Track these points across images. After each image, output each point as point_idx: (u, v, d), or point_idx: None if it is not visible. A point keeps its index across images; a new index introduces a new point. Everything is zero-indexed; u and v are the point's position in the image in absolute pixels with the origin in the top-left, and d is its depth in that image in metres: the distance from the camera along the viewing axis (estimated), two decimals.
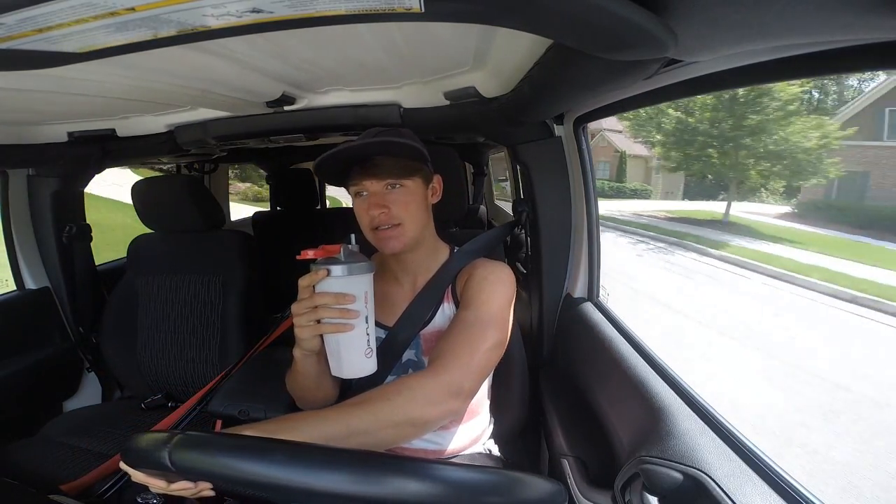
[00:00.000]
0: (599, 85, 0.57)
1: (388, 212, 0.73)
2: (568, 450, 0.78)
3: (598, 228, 1.02)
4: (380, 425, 0.57)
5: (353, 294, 0.63)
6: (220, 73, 0.70)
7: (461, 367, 0.65)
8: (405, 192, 0.75)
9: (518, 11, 0.33)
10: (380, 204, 0.73)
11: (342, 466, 0.33)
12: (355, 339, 0.64)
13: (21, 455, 1.05)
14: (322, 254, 0.62)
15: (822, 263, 6.53)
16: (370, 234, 0.76)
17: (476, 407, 0.86)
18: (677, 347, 3.51)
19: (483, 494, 0.34)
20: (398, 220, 0.74)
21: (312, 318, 0.63)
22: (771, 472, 0.49)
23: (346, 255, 0.63)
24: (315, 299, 0.62)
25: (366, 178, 0.74)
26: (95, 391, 1.47)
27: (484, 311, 0.73)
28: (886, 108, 11.28)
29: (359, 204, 0.76)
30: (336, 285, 0.62)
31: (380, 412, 0.58)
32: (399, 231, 0.75)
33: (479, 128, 1.02)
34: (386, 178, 0.73)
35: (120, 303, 1.34)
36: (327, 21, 0.35)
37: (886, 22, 0.27)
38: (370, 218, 0.74)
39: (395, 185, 0.74)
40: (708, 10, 0.31)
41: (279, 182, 2.24)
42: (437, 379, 0.63)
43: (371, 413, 0.57)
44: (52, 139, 1.10)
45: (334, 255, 0.62)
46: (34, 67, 0.42)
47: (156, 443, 0.40)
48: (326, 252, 0.62)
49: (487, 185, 2.90)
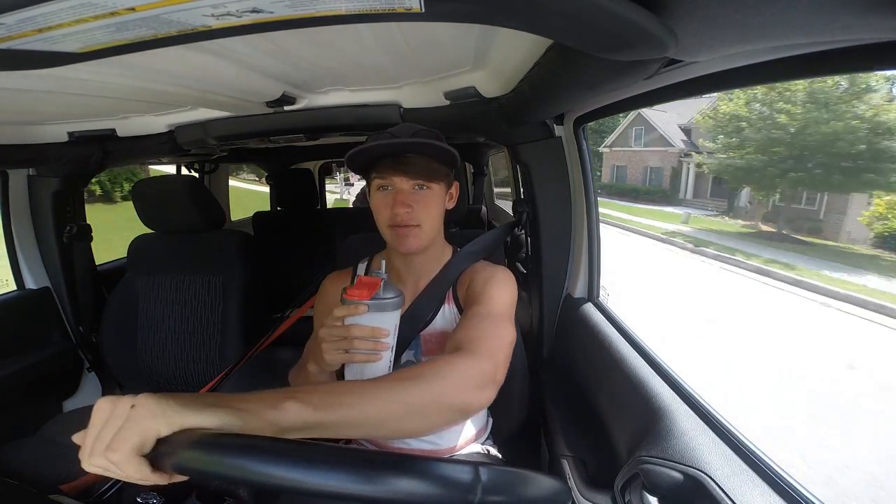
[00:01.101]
0: (599, 85, 0.57)
1: (412, 212, 0.73)
2: (568, 450, 0.78)
3: (599, 228, 1.02)
4: (434, 407, 0.51)
5: (387, 329, 0.63)
6: (220, 73, 0.70)
7: (492, 356, 0.61)
8: (430, 194, 0.75)
9: (518, 11, 0.33)
10: (405, 203, 0.73)
11: (343, 465, 0.33)
12: (381, 365, 0.66)
13: (21, 455, 1.04)
14: (366, 293, 0.61)
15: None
16: (387, 230, 0.76)
17: None
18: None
19: (488, 492, 0.34)
20: (419, 221, 0.74)
21: (343, 347, 0.63)
22: (771, 472, 0.49)
23: (384, 289, 0.63)
24: (351, 331, 0.62)
25: (396, 175, 0.73)
26: (95, 391, 1.47)
27: (494, 306, 0.72)
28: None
29: (381, 198, 0.75)
30: (372, 320, 0.62)
31: (435, 390, 0.51)
32: (417, 232, 0.75)
33: (479, 128, 1.02)
34: (416, 178, 0.73)
35: (120, 303, 1.34)
36: (327, 21, 0.35)
37: (886, 22, 0.27)
38: (393, 215, 0.73)
39: (422, 186, 0.74)
40: (708, 10, 0.31)
41: (279, 182, 2.24)
42: (478, 364, 0.58)
43: (428, 392, 0.51)
44: (52, 139, 1.10)
45: (376, 287, 0.63)
46: (34, 67, 0.42)
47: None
48: (367, 285, 0.63)
49: (487, 185, 2.90)
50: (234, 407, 0.40)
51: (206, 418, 0.38)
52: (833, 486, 2.29)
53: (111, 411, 0.38)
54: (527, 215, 1.10)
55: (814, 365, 3.69)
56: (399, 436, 0.73)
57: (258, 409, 0.41)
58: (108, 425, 0.38)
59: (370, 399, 0.47)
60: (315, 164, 2.84)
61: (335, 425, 0.44)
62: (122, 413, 0.38)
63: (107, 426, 0.38)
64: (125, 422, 0.37)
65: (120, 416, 0.38)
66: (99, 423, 0.38)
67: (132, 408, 0.38)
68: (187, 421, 0.38)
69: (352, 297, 0.61)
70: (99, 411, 0.39)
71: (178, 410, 0.38)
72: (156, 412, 0.37)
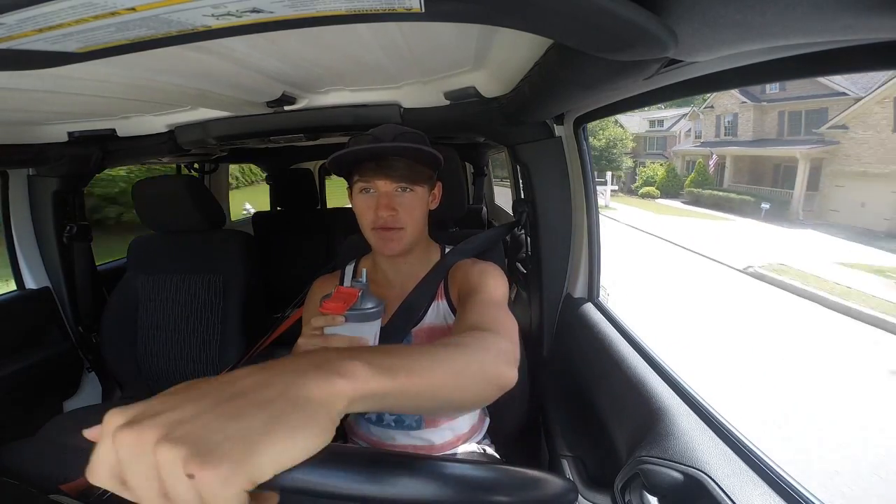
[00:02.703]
0: (599, 85, 0.57)
1: (396, 215, 0.73)
2: (568, 450, 0.78)
3: (599, 228, 1.02)
4: (481, 377, 0.46)
5: (366, 338, 0.63)
6: (220, 73, 0.70)
7: (511, 337, 0.57)
8: (414, 196, 0.75)
9: (518, 11, 0.33)
10: (389, 206, 0.73)
11: (345, 464, 0.33)
12: None
13: (21, 455, 1.04)
14: (342, 306, 0.60)
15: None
16: (370, 232, 0.76)
17: None
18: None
19: (494, 492, 0.34)
20: (402, 224, 0.74)
21: None
22: (771, 472, 0.49)
23: (362, 299, 0.62)
24: (329, 342, 0.61)
25: (379, 177, 0.73)
26: (95, 391, 1.47)
27: (495, 295, 0.72)
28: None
29: (364, 200, 0.75)
30: (351, 330, 0.62)
31: (480, 359, 0.47)
32: (400, 234, 0.75)
33: (479, 128, 1.02)
34: (399, 181, 0.73)
35: (120, 303, 1.34)
36: (327, 21, 0.35)
37: (886, 22, 0.27)
38: (376, 217, 0.73)
39: (405, 188, 0.74)
40: (708, 11, 0.31)
41: (279, 182, 2.24)
42: (504, 341, 0.54)
43: (475, 360, 0.46)
44: (52, 139, 1.11)
45: (353, 299, 0.61)
46: (34, 67, 0.42)
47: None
48: (344, 297, 0.61)
49: (488, 185, 2.91)
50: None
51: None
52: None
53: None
54: (527, 215, 1.10)
55: None
56: (444, 410, 0.67)
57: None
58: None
59: (431, 363, 0.39)
60: (315, 164, 2.84)
61: (402, 395, 0.36)
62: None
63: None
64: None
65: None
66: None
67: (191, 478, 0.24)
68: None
69: (327, 310, 0.60)
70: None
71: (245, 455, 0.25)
72: (226, 475, 0.24)
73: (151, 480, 0.25)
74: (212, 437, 0.25)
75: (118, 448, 0.26)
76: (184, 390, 0.29)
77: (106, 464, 0.26)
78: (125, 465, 0.26)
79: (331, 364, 0.32)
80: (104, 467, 0.26)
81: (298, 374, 0.30)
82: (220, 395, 0.28)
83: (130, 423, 0.26)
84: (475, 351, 0.47)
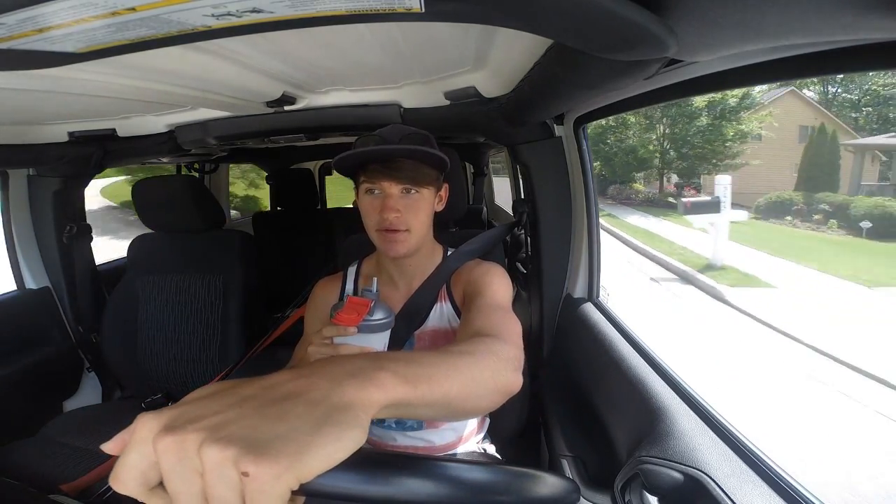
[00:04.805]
0: (599, 85, 0.57)
1: (401, 216, 0.73)
2: (568, 450, 0.78)
3: (598, 228, 1.02)
4: (491, 384, 0.47)
5: (376, 349, 0.63)
6: (220, 73, 0.70)
7: (516, 343, 0.58)
8: (420, 198, 0.75)
9: (518, 11, 0.33)
10: (394, 207, 0.72)
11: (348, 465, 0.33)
12: None
13: (21, 455, 1.05)
14: (355, 318, 0.60)
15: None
16: (375, 234, 0.76)
17: None
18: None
19: (499, 493, 0.34)
20: (408, 226, 0.74)
21: None
22: (771, 472, 0.49)
23: (374, 309, 0.62)
24: (339, 350, 0.60)
25: (385, 179, 0.73)
26: (95, 391, 1.47)
27: (499, 299, 0.72)
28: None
29: (369, 202, 0.75)
30: (361, 340, 0.62)
31: (490, 366, 0.48)
32: (405, 236, 0.75)
33: (479, 128, 1.02)
34: (405, 183, 0.73)
35: (120, 303, 1.34)
36: (327, 21, 0.35)
37: (886, 22, 0.27)
38: (381, 219, 0.73)
39: (411, 190, 0.74)
40: (708, 10, 0.31)
41: (279, 182, 2.24)
42: (510, 347, 0.54)
43: (486, 367, 0.47)
44: (52, 139, 1.10)
45: (365, 310, 0.61)
46: (34, 67, 0.42)
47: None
48: (357, 308, 0.61)
49: (487, 185, 2.91)
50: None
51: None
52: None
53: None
54: (527, 215, 1.10)
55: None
56: (455, 417, 0.68)
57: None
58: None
59: (447, 373, 0.40)
60: (315, 164, 2.84)
61: (421, 403, 0.36)
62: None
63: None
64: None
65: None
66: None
67: (245, 476, 0.24)
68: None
69: (340, 321, 0.60)
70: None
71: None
72: (280, 471, 0.25)
73: (194, 485, 0.25)
74: (262, 436, 0.26)
75: (160, 454, 0.25)
76: (218, 394, 0.29)
77: (135, 470, 0.26)
78: (167, 471, 0.25)
79: (364, 373, 0.33)
80: (132, 473, 0.26)
81: (336, 382, 0.31)
82: (264, 398, 0.29)
83: (170, 429, 0.26)
84: (486, 360, 0.48)
